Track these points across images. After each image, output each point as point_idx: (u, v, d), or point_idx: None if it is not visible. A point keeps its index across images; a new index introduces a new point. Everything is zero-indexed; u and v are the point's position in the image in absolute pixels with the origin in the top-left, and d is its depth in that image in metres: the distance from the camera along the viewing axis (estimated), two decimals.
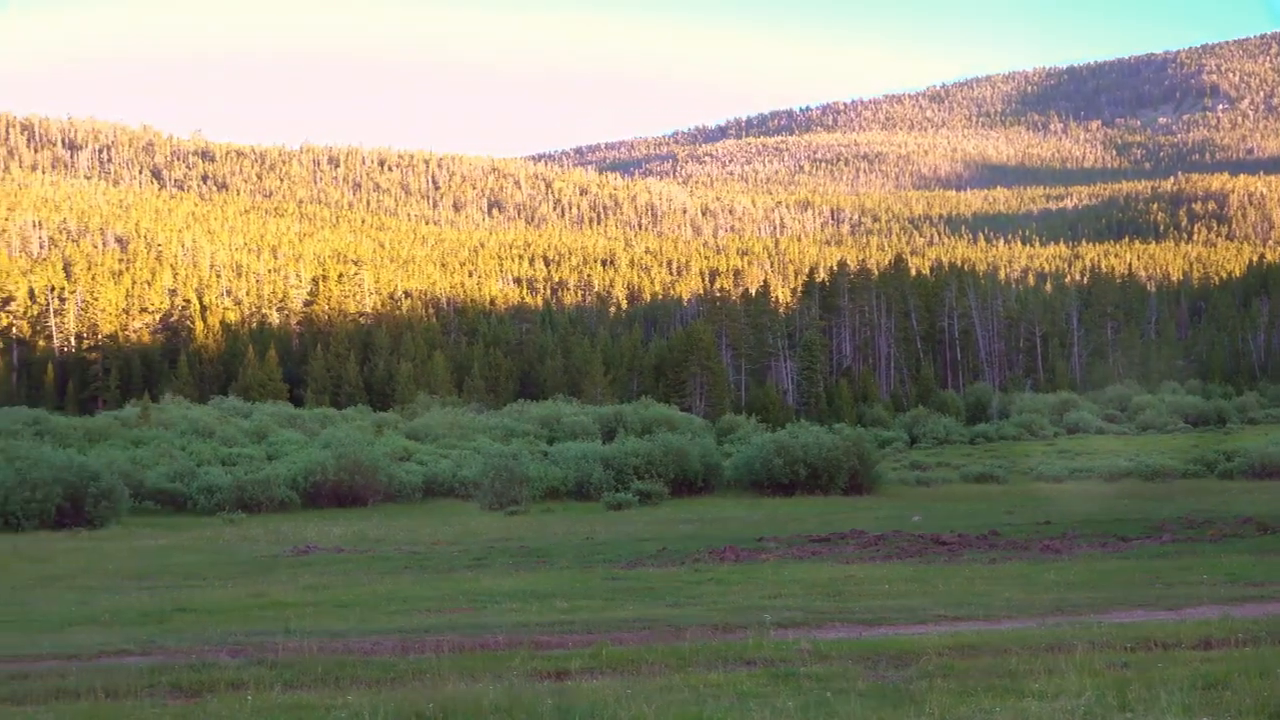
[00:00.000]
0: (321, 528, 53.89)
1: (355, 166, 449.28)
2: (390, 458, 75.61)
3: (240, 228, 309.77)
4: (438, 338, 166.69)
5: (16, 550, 44.59)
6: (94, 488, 56.85)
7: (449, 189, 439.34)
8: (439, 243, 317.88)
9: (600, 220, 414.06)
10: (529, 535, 47.66)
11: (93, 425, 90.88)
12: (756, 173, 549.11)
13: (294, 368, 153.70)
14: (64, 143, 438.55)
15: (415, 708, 14.75)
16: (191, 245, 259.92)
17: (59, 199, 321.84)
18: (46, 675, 18.08)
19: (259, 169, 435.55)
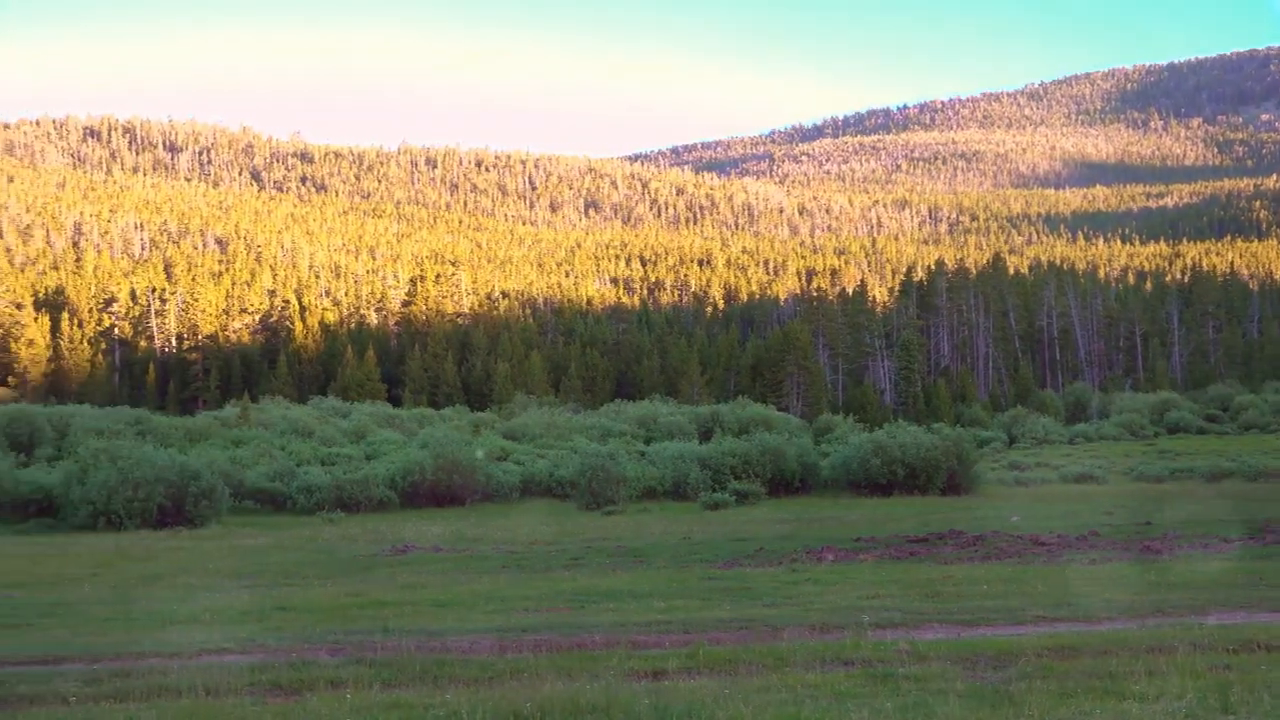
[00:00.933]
0: (419, 527, 54.08)
1: (453, 167, 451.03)
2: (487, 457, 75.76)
3: (339, 229, 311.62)
4: (535, 338, 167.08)
5: (119, 549, 44.99)
6: (195, 487, 57.25)
7: (546, 189, 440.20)
8: (536, 243, 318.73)
9: (697, 220, 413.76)
10: (626, 535, 47.65)
11: (193, 425, 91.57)
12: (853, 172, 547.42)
13: (392, 368, 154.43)
14: (165, 145, 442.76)
15: (513, 707, 14.77)
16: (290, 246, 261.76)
17: (160, 201, 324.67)
18: (148, 673, 18.23)
19: (357, 170, 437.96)
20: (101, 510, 55.32)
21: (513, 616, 25.09)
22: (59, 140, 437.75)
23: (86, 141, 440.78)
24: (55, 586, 34.05)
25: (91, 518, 55.44)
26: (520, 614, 25.54)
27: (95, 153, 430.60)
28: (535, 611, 25.98)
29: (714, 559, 37.45)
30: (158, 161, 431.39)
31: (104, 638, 23.33)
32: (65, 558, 42.33)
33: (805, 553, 37.78)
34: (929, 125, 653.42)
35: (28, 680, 17.85)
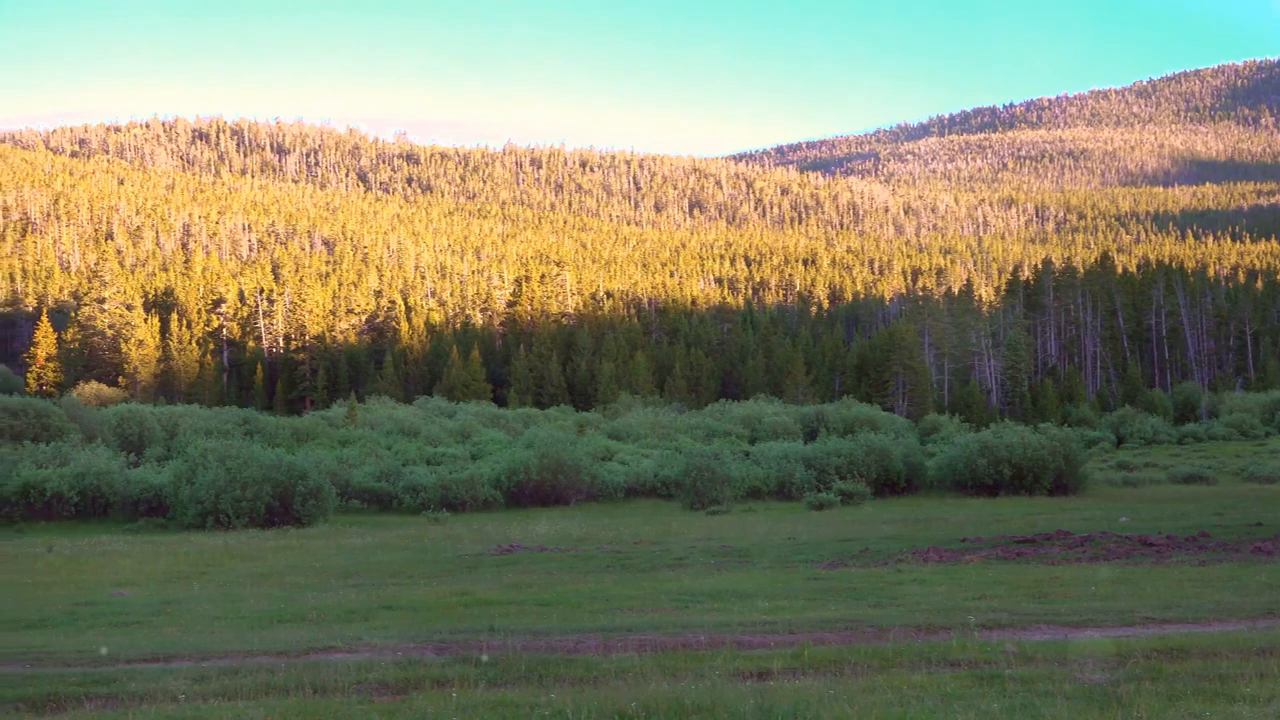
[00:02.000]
0: (525, 526, 54.22)
1: (557, 168, 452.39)
2: (592, 457, 75.84)
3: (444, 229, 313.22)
4: (639, 338, 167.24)
5: (228, 548, 45.35)
6: (302, 487, 57.64)
7: (650, 189, 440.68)
8: (640, 243, 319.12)
9: (802, 220, 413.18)
10: (731, 535, 47.54)
11: (300, 425, 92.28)
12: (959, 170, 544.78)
13: (497, 368, 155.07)
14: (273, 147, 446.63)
15: (618, 706, 14.77)
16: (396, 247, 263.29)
17: (267, 202, 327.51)
18: (256, 671, 18.35)
19: (462, 171, 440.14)
20: (210, 510, 55.81)
21: (617, 616, 25.09)
22: (168, 143, 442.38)
23: (195, 144, 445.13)
24: (165, 585, 34.35)
25: (200, 517, 55.94)
26: (625, 614, 25.53)
27: (204, 155, 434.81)
28: (640, 611, 25.97)
29: (819, 559, 37.32)
30: (265, 163, 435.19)
31: (213, 636, 23.52)
32: (175, 557, 42.71)
33: (911, 553, 37.58)
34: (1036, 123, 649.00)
35: (138, 678, 18.02)
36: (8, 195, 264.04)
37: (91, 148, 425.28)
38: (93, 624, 26.09)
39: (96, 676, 18.41)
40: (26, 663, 20.12)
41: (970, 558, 36.04)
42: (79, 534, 53.91)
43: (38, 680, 18.24)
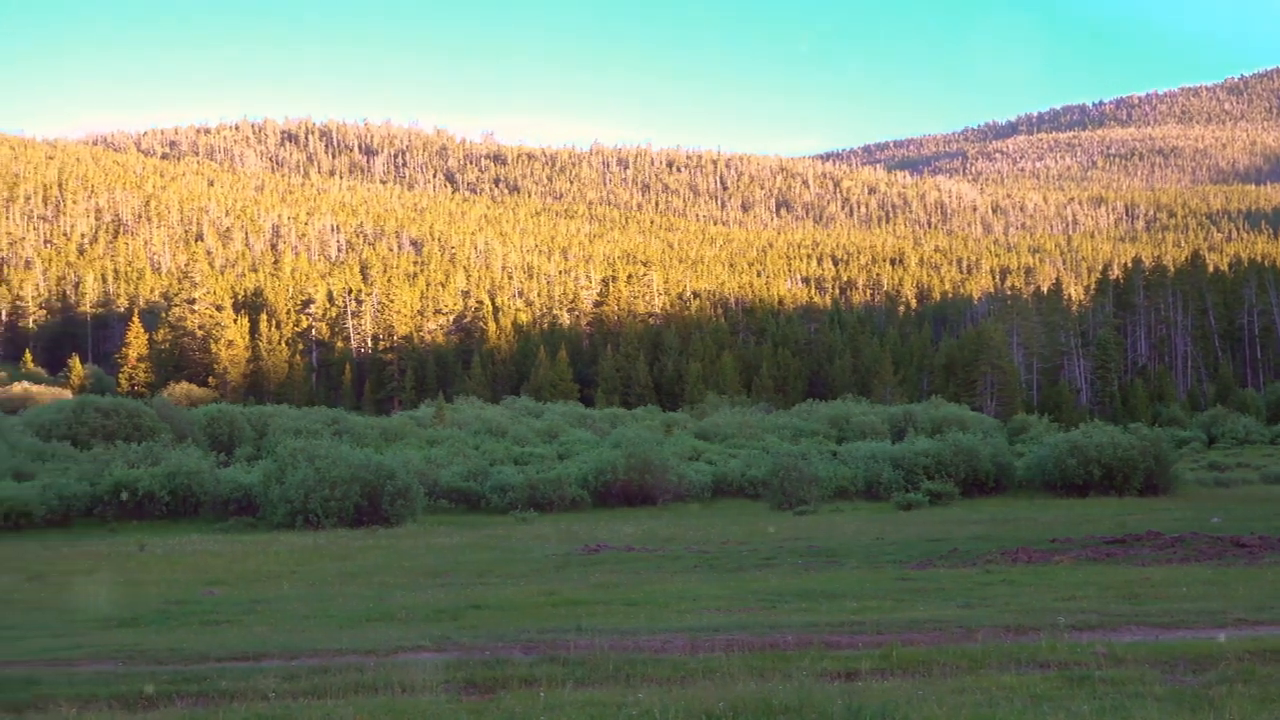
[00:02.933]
0: (612, 526, 54.25)
1: (644, 167, 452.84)
2: (679, 457, 75.73)
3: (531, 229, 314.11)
4: (726, 338, 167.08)
5: (317, 547, 45.60)
6: (390, 486, 57.86)
7: (737, 189, 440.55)
8: (727, 243, 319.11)
9: (889, 219, 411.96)
10: (818, 535, 47.41)
11: (389, 425, 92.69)
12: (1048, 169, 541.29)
13: (584, 368, 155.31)
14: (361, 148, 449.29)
15: (705, 706, 14.76)
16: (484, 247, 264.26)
17: (356, 203, 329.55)
18: (346, 670, 18.44)
19: (549, 171, 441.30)
20: (299, 509, 56.11)
21: (705, 616, 25.07)
22: (257, 144, 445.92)
23: (284, 145, 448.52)
24: (255, 584, 34.57)
25: (290, 516, 56.25)
26: (712, 613, 25.50)
27: (293, 156, 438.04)
28: (727, 611, 25.93)
29: (907, 559, 37.18)
30: (354, 164, 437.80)
31: (302, 635, 23.65)
32: (264, 556, 42.97)
33: (999, 553, 37.37)
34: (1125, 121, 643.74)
35: (228, 676, 18.15)
36: (100, 197, 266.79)
37: (182, 150, 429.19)
38: (184, 622, 26.29)
39: (188, 674, 18.56)
40: (119, 661, 20.30)
41: (1060, 558, 35.82)
42: (170, 533, 54.35)
43: (130, 678, 18.40)
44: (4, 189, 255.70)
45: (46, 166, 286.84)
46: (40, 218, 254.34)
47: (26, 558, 43.08)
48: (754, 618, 24.57)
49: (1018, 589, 28.75)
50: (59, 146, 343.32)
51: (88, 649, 21.83)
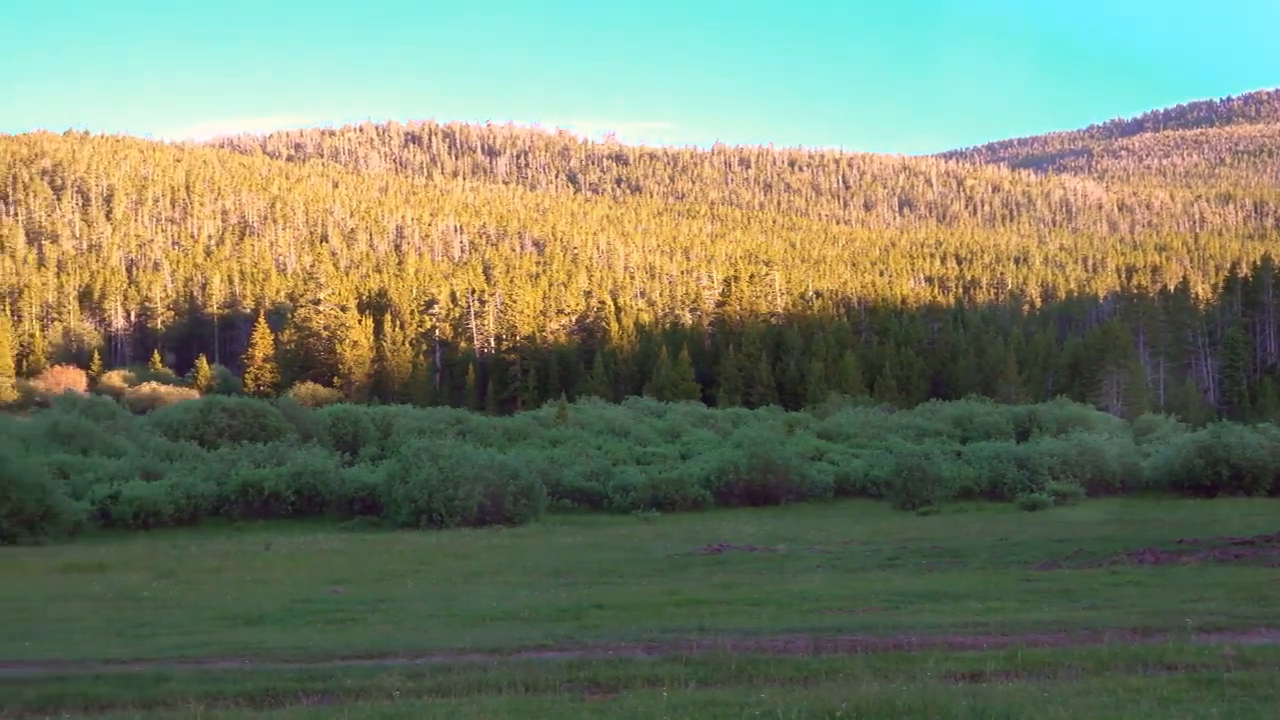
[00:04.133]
0: (734, 526, 54.21)
1: (766, 167, 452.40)
2: (802, 457, 75.58)
3: (653, 229, 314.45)
4: (848, 337, 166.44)
5: (440, 546, 45.84)
6: (513, 486, 58.12)
7: (859, 188, 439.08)
8: (849, 242, 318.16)
9: (1013, 217, 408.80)
10: (941, 535, 47.16)
11: (512, 425, 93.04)
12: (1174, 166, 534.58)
13: (706, 367, 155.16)
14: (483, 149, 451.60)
15: (828, 707, 14.69)
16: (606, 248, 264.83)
17: (479, 204, 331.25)
18: (469, 669, 18.51)
19: (671, 171, 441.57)
20: (423, 508, 56.47)
21: (827, 616, 24.98)
22: (381, 146, 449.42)
23: (408, 147, 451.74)
24: (379, 583, 34.80)
25: (414, 516, 56.62)
26: (835, 614, 25.41)
27: (416, 157, 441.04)
28: (850, 611, 25.82)
29: (1031, 560, 36.88)
30: (476, 165, 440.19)
31: (426, 633, 23.77)
32: (389, 555, 43.25)
33: (1126, 554, 36.99)
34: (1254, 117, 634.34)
35: (353, 674, 18.27)
36: (226, 199, 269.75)
37: (307, 152, 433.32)
38: (308, 621, 26.50)
39: (313, 672, 18.70)
40: (245, 658, 20.49)
41: (1187, 559, 35.42)
42: (295, 532, 54.84)
43: (256, 676, 18.57)
44: (133, 192, 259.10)
45: (174, 169, 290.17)
46: (168, 220, 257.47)
47: (156, 556, 43.61)
48: (877, 618, 24.46)
49: (1144, 590, 28.45)
50: (186, 150, 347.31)
51: (215, 646, 22.07)
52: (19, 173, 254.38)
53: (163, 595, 32.25)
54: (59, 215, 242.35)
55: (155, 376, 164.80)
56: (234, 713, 16.17)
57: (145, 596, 31.78)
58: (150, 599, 31.33)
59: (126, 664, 20.09)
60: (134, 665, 19.95)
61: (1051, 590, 28.90)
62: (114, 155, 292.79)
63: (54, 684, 18.16)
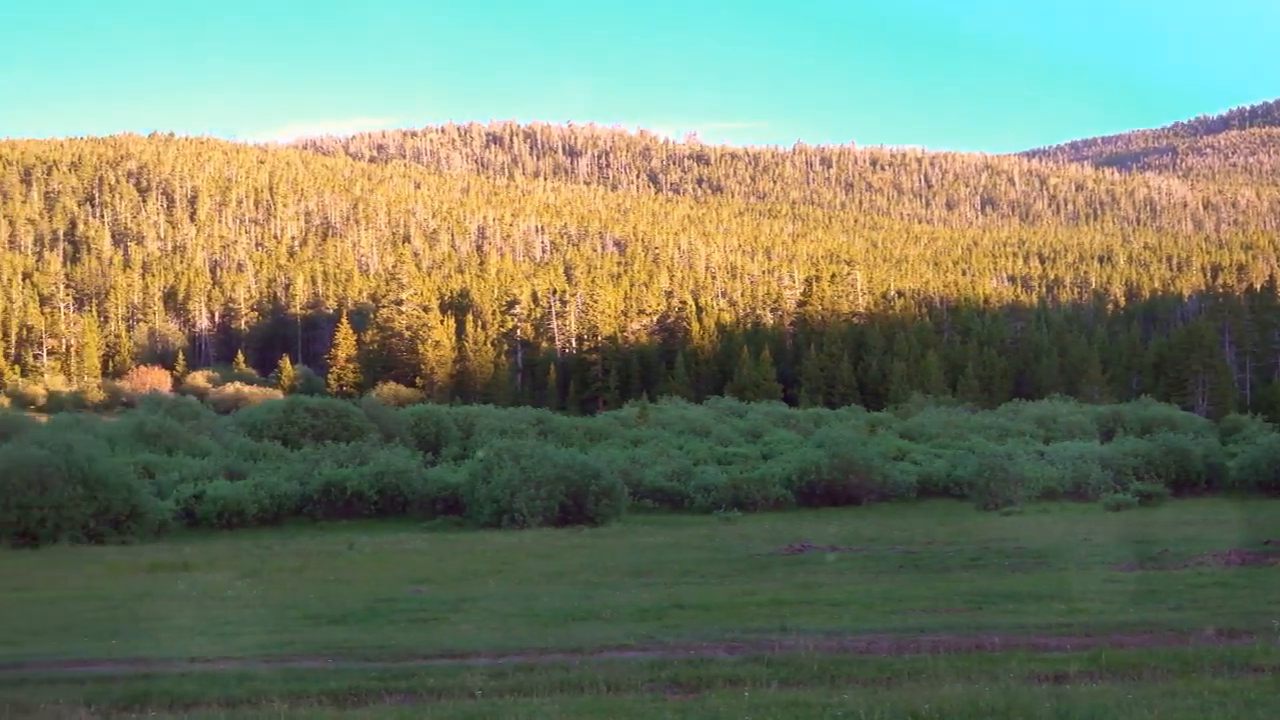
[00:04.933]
0: (815, 526, 54.08)
1: (848, 166, 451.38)
2: (883, 457, 75.33)
3: (734, 229, 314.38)
4: (931, 337, 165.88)
5: (522, 546, 45.94)
6: (595, 486, 58.14)
7: (941, 187, 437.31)
8: (931, 241, 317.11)
9: (1096, 216, 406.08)
10: (1024, 536, 46.88)
11: (593, 425, 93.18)
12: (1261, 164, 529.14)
13: (787, 368, 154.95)
14: (565, 149, 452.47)
15: (911, 708, 14.66)
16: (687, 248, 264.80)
17: (560, 204, 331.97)
18: (551, 668, 18.57)
19: (752, 171, 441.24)
20: (505, 508, 56.56)
21: (910, 617, 24.91)
22: (463, 147, 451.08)
23: (489, 147, 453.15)
24: (461, 582, 34.91)
25: (495, 515, 56.72)
26: (918, 614, 25.33)
27: (497, 158, 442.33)
28: (932, 612, 25.74)
29: (1116, 561, 36.62)
30: (558, 165, 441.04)
31: (508, 633, 23.85)
32: (470, 554, 43.38)
33: (1211, 555, 36.68)
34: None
35: (435, 674, 18.34)
36: (310, 200, 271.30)
37: (389, 153, 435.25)
38: (391, 620, 26.63)
39: (396, 671, 18.81)
40: (329, 657, 20.62)
41: (1275, 560, 35.11)
42: (378, 531, 55.10)
43: (340, 675, 18.69)
44: (217, 193, 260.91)
45: (258, 171, 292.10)
46: (252, 221, 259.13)
47: (240, 555, 43.91)
48: (960, 619, 24.39)
49: (1231, 591, 28.23)
50: (270, 151, 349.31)
51: (299, 645, 22.22)
52: (105, 175, 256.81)
53: (247, 594, 32.48)
54: (144, 217, 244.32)
55: (239, 377, 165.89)
56: (318, 711, 16.27)
57: (229, 595, 32.00)
58: (234, 598, 31.56)
59: (211, 662, 20.28)
60: (219, 664, 20.12)
61: (1136, 591, 28.74)
62: (198, 157, 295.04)
63: (140, 682, 18.35)
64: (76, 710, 16.03)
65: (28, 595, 33.26)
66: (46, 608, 30.32)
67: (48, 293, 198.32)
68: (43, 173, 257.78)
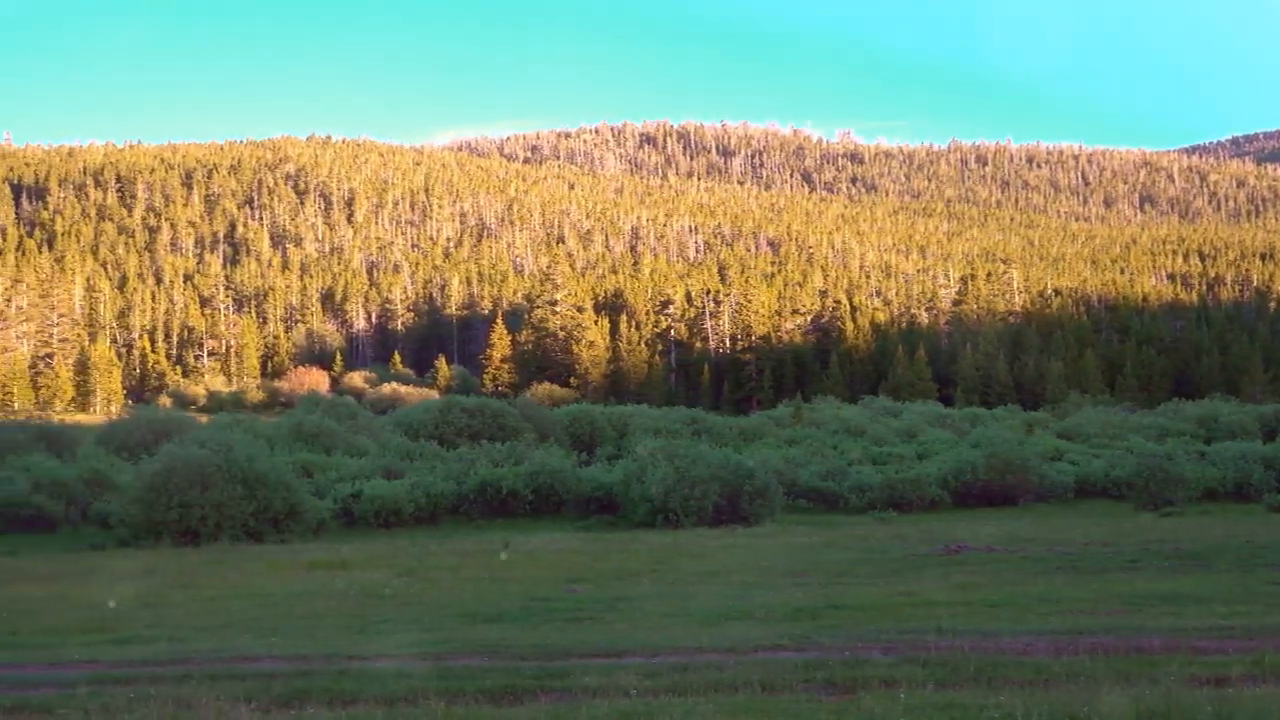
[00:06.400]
0: (971, 527, 53.69)
1: (1003, 164, 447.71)
2: (1040, 457, 74.64)
3: (888, 228, 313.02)
4: (1088, 336, 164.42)
5: (676, 546, 45.96)
6: (749, 486, 58.04)
7: (1099, 184, 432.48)
8: (1088, 240, 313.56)
9: (1259, 213, 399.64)
10: (1184, 537, 46.26)
11: (747, 425, 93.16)
12: None
13: (942, 367, 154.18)
14: (718, 149, 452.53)
15: (1069, 710, 14.53)
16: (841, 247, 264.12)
17: (713, 204, 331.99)
18: (705, 668, 18.58)
19: (907, 169, 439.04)
20: (659, 508, 56.59)
21: (1068, 618, 24.69)
22: (616, 147, 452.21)
23: (643, 148, 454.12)
24: (616, 582, 34.99)
25: (649, 515, 56.78)
26: (1075, 616, 25.10)
27: (651, 158, 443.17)
28: (1090, 614, 25.49)
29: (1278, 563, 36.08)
30: (711, 165, 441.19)
31: (662, 632, 23.88)
32: (625, 554, 43.45)
33: None
34: None
35: (591, 672, 18.41)
36: (465, 202, 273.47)
37: (543, 154, 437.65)
38: (546, 619, 26.76)
39: (551, 670, 18.90)
40: (485, 656, 20.76)
41: None
42: (533, 531, 55.35)
43: (495, 673, 18.82)
44: (373, 195, 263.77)
45: (414, 173, 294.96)
46: (408, 222, 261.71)
47: (396, 554, 44.28)
48: (1118, 621, 24.14)
49: None
50: (425, 153, 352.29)
51: (455, 644, 22.39)
52: (264, 177, 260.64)
53: (403, 593, 32.78)
54: (302, 219, 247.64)
55: (395, 377, 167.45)
56: (474, 710, 16.39)
57: (386, 594, 32.32)
58: (391, 596, 31.87)
59: (369, 660, 20.49)
60: (376, 661, 20.33)
61: None
62: (355, 159, 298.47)
63: (300, 679, 18.58)
64: (237, 707, 16.25)
65: (191, 593, 33.76)
66: (208, 605, 30.78)
67: (208, 294, 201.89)
68: (203, 176, 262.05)
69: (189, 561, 43.07)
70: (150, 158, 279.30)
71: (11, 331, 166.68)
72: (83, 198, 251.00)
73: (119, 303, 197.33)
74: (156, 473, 51.78)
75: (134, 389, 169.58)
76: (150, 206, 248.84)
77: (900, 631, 22.73)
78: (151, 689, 17.63)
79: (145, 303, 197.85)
